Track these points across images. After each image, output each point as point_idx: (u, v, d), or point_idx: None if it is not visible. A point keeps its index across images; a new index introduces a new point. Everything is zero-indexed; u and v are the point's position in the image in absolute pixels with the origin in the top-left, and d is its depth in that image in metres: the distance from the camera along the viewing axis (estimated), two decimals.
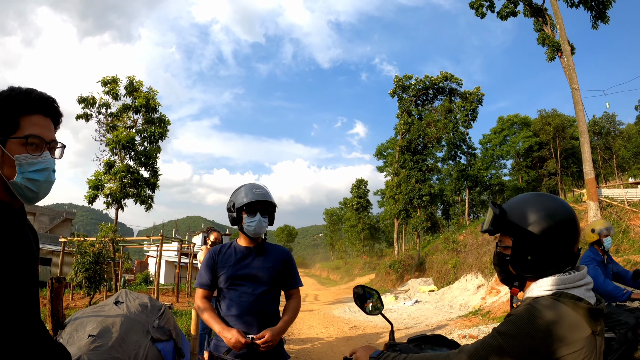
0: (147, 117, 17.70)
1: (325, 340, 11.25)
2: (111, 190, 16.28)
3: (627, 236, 14.26)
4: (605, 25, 22.07)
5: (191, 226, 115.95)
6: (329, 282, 59.67)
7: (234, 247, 3.12)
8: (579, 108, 18.56)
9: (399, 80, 40.66)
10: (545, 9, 22.67)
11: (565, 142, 51.77)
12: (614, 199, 18.62)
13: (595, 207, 16.64)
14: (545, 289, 1.53)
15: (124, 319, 4.20)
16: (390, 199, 39.07)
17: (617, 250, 13.65)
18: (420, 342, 2.27)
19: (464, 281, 20.46)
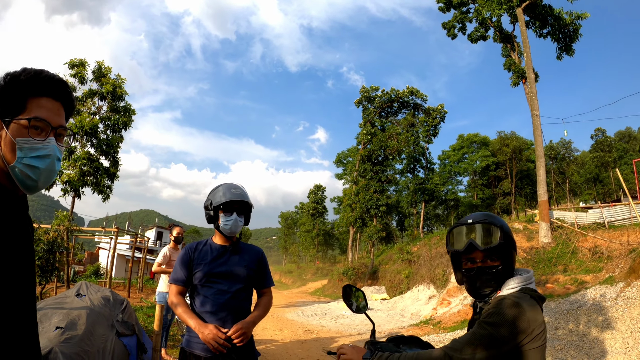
0: (112, 104, 17.28)
1: (280, 343, 11.30)
2: (70, 177, 15.83)
3: (575, 257, 14.90)
4: (569, 57, 23.05)
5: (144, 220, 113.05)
6: (282, 286, 59.45)
7: (209, 245, 3.13)
8: (538, 133, 19.36)
9: (366, 91, 41.10)
10: (515, 37, 23.39)
11: (521, 164, 53.63)
12: (565, 221, 19.32)
13: (547, 228, 17.36)
14: (513, 287, 1.85)
15: (89, 311, 4.10)
16: (347, 207, 39.30)
17: (565, 270, 14.26)
18: (398, 341, 2.39)
19: (416, 291, 20.81)
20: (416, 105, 42.35)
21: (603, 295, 9.10)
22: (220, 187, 3.14)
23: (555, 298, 11.11)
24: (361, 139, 40.23)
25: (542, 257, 15.95)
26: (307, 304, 25.43)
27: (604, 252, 14.12)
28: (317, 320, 17.00)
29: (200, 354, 2.87)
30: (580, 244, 15.66)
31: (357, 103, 41.44)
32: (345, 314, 18.46)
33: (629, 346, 6.66)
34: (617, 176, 16.61)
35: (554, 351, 7.39)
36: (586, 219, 19.67)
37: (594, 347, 7.10)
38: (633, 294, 8.34)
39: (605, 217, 18.83)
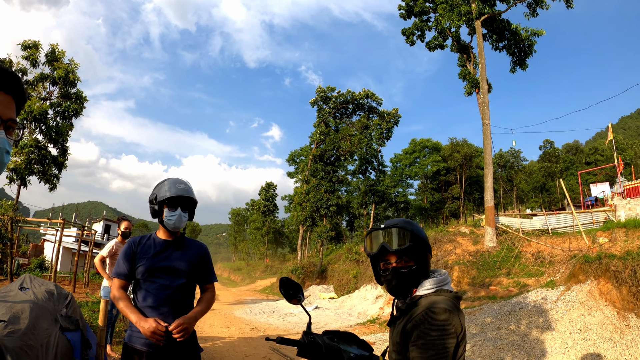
0: (63, 90, 16.57)
1: (227, 340, 11.21)
2: (16, 165, 15.16)
3: (519, 261, 15.47)
4: (523, 71, 23.91)
5: (92, 212, 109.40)
6: (230, 283, 58.97)
7: (153, 239, 3.11)
8: (488, 142, 20.03)
9: (322, 91, 41.22)
10: (472, 48, 24.05)
11: (471, 170, 55.19)
12: (510, 226, 19.98)
13: (492, 232, 17.95)
14: (429, 288, 1.98)
15: (32, 305, 3.98)
16: (297, 206, 39.31)
17: (508, 273, 14.77)
18: (334, 335, 2.46)
19: (363, 291, 21.03)
20: (371, 108, 42.86)
21: (544, 298, 9.47)
22: (165, 182, 3.11)
23: (498, 300, 11.50)
24: (314, 139, 40.32)
25: (486, 261, 16.46)
26: (256, 302, 25.33)
27: (546, 257, 14.70)
28: (264, 318, 16.96)
29: (142, 348, 2.84)
30: (524, 249, 16.25)
31: (313, 103, 41.52)
32: (293, 312, 18.49)
33: (568, 346, 6.96)
34: (562, 186, 17.27)
35: (496, 350, 7.63)
36: (530, 225, 20.37)
37: (534, 346, 7.38)
38: (572, 297, 8.72)
39: (548, 224, 19.57)
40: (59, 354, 3.79)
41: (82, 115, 17.26)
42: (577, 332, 7.29)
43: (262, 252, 70.31)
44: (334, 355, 2.27)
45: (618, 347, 6.51)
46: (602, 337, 6.84)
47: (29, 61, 16.07)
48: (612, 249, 10.40)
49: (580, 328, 7.41)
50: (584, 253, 11.81)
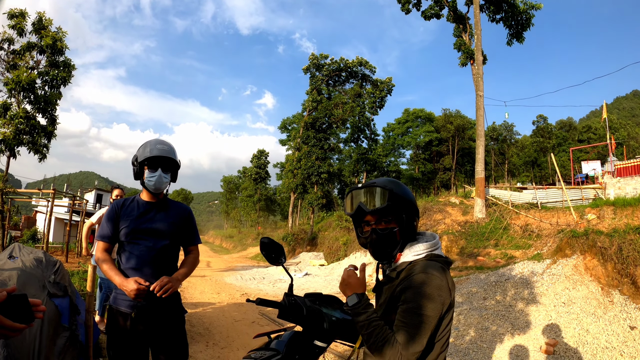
0: (51, 59, 16.13)
1: (217, 306, 11.35)
2: (4, 135, 14.86)
3: (507, 233, 15.65)
4: (519, 44, 23.64)
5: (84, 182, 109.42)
6: (222, 250, 59.29)
7: (137, 201, 3.11)
8: (480, 113, 20.00)
9: (315, 58, 40.70)
10: (468, 18, 23.66)
11: (463, 142, 55.25)
12: (500, 199, 20.12)
13: (482, 204, 18.10)
14: (419, 253, 1.92)
15: (20, 272, 3.98)
16: (289, 173, 39.23)
17: (496, 244, 14.96)
18: (315, 298, 2.52)
19: (353, 258, 21.26)
20: (364, 76, 42.48)
21: (530, 271, 9.61)
22: (147, 143, 3.09)
23: (485, 270, 11.65)
24: (307, 106, 40.02)
25: (475, 231, 16.64)
26: (247, 269, 25.53)
27: (534, 231, 14.87)
28: (255, 284, 17.14)
29: (126, 310, 2.87)
30: (513, 222, 16.42)
31: (305, 70, 41.05)
32: (283, 279, 18.69)
33: (552, 319, 7.10)
34: (553, 161, 17.33)
35: (481, 319, 7.77)
36: (520, 198, 20.50)
37: (519, 317, 7.52)
38: (558, 271, 8.86)
39: (538, 198, 19.70)
40: (45, 319, 3.80)
41: (70, 83, 16.89)
42: (562, 305, 7.44)
43: (254, 219, 70.52)
44: (315, 317, 2.28)
45: (601, 322, 6.65)
46: (586, 312, 6.98)
47: (15, 30, 15.58)
48: (600, 226, 10.53)
49: (565, 301, 7.55)
50: (572, 228, 11.96)
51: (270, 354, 2.29)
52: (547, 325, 6.90)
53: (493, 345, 6.79)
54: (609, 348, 6.02)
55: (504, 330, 7.19)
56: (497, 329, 7.31)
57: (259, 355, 2.31)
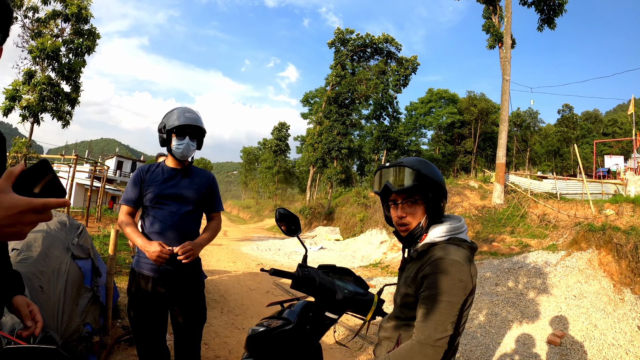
0: (76, 27, 16.27)
1: (233, 274, 11.58)
2: (28, 102, 15.10)
3: (524, 221, 15.56)
4: (550, 30, 23.02)
5: (105, 149, 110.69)
6: (239, 220, 59.89)
7: (162, 167, 3.17)
8: (505, 98, 19.68)
9: (340, 33, 40.14)
10: (499, 0, 23.18)
11: (486, 126, 54.40)
12: (519, 186, 19.93)
13: (500, 189, 17.97)
14: (441, 235, 1.91)
15: (45, 234, 4.09)
16: (309, 147, 39.13)
17: (512, 231, 14.90)
18: (329, 270, 2.54)
19: (368, 235, 21.33)
20: (390, 53, 41.76)
21: (544, 261, 9.58)
22: (175, 111, 3.14)
23: (499, 256, 11.66)
24: (330, 81, 39.66)
25: (492, 217, 16.57)
26: (263, 240, 25.82)
27: (551, 221, 14.77)
28: (270, 255, 17.39)
29: (149, 273, 2.97)
30: (530, 210, 16.31)
31: (330, 44, 40.57)
32: (298, 251, 18.90)
33: (562, 310, 7.13)
34: (576, 152, 17.07)
35: (492, 305, 7.84)
36: (539, 187, 20.30)
37: (529, 306, 7.56)
38: (572, 263, 8.83)
39: (558, 189, 19.50)
40: (69, 280, 3.94)
41: (95, 52, 17.05)
42: (572, 298, 7.44)
43: (272, 191, 70.69)
44: (328, 289, 2.31)
45: (610, 318, 6.64)
46: (596, 307, 6.98)
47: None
48: (617, 222, 10.38)
49: (576, 294, 7.54)
50: (589, 222, 11.80)
51: (282, 323, 2.36)
52: (556, 317, 6.93)
53: (501, 331, 6.87)
54: (615, 345, 6.05)
55: (513, 317, 7.25)
56: (506, 315, 7.37)
57: (271, 323, 2.38)
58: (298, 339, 2.33)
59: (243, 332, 6.26)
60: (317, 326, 2.36)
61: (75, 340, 3.60)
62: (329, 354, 5.57)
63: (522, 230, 14.71)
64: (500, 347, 6.42)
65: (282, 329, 2.32)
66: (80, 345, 3.67)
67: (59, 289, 3.69)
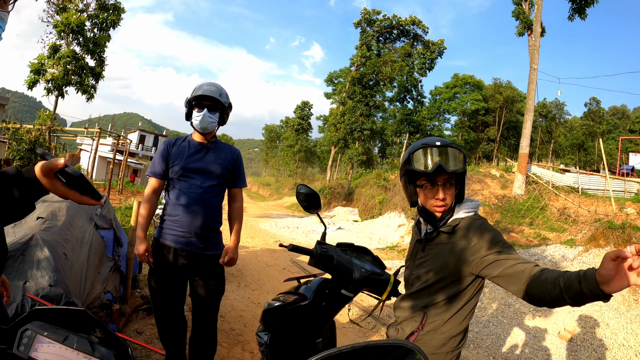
0: (101, 2, 16.47)
1: (251, 249, 11.75)
2: (53, 76, 15.31)
3: (544, 213, 15.40)
4: (581, 20, 22.38)
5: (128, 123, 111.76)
6: (258, 197, 60.18)
7: (188, 141, 3.22)
8: (532, 87, 19.34)
9: (367, 13, 39.75)
10: None
11: (510, 115, 53.35)
12: (541, 177, 19.65)
13: (522, 180, 17.78)
14: (468, 211, 2.03)
15: (69, 204, 4.17)
16: (331, 127, 39.05)
17: (531, 223, 14.77)
18: (347, 248, 2.56)
19: (387, 217, 21.32)
20: (416, 35, 41.25)
21: (561, 255, 9.52)
22: (198, 84, 3.20)
23: (517, 247, 11.58)
24: (355, 61, 39.38)
25: (512, 207, 16.44)
26: (282, 217, 26.02)
27: (570, 215, 14.60)
28: (288, 233, 17.54)
29: (171, 244, 3.05)
30: (551, 203, 16.12)
31: (357, 24, 40.22)
32: (316, 230, 19.04)
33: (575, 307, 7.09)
34: (601, 147, 16.72)
35: (506, 295, 7.84)
36: (561, 180, 20.02)
37: None
38: (589, 259, 8.75)
39: (580, 183, 19.21)
40: (92, 249, 4.05)
41: (119, 26, 17.26)
42: None
43: (292, 169, 70.77)
44: (345, 267, 2.32)
45: (622, 319, 6.59)
46: (609, 306, 6.92)
47: None
48: (638, 221, 10.24)
49: None
50: (609, 219, 11.62)
51: (298, 298, 2.40)
52: (569, 313, 6.91)
53: (513, 322, 6.90)
54: (626, 346, 6.02)
55: (526, 310, 7.26)
56: (519, 307, 7.38)
57: (287, 298, 2.43)
58: (313, 315, 2.37)
59: (259, 306, 6.37)
60: (332, 303, 2.39)
61: (96, 307, 3.72)
62: (342, 332, 5.66)
63: (541, 223, 14.58)
64: (510, 337, 6.45)
65: (298, 304, 2.36)
66: (101, 312, 3.79)
67: (82, 257, 3.80)
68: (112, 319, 3.95)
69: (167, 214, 3.12)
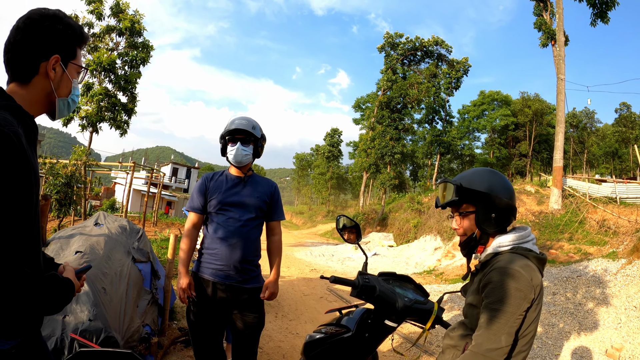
0: (130, 40, 17.11)
1: (287, 279, 11.68)
2: (87, 113, 15.90)
3: (583, 227, 14.89)
4: (604, 24, 22.04)
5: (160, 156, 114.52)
6: (292, 226, 60.25)
7: (225, 175, 3.25)
8: (561, 98, 18.94)
9: (389, 37, 40.09)
10: None
11: (541, 128, 52.32)
12: (577, 190, 19.08)
13: (558, 194, 17.32)
14: (504, 245, 1.90)
15: (107, 238, 4.27)
16: (362, 152, 39.08)
17: (570, 238, 14.30)
18: (389, 277, 2.54)
19: (422, 241, 21.09)
20: (440, 55, 41.30)
21: (604, 269, 9.21)
22: (230, 119, 3.24)
23: (557, 264, 11.27)
24: (381, 85, 39.57)
25: (549, 223, 16.01)
26: (316, 245, 25.96)
27: (610, 227, 14.09)
28: (324, 261, 17.44)
29: (209, 278, 3.06)
30: (589, 215, 15.62)
31: (380, 48, 40.54)
32: (352, 257, 18.91)
33: (621, 322, 6.83)
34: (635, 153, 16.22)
35: (549, 315, 7.62)
36: (598, 191, 19.41)
37: (587, 317, 7.29)
38: (633, 272, 8.44)
39: (617, 193, 18.62)
40: (130, 282, 4.09)
41: (149, 63, 17.80)
42: (632, 309, 7.09)
43: (325, 197, 70.82)
44: (388, 298, 2.30)
45: None
46: None
47: (94, 15, 16.54)
48: None
49: (637, 305, 7.16)
50: None
51: (341, 330, 2.39)
52: (615, 329, 6.64)
53: (558, 343, 6.67)
54: None
55: (570, 328, 7.02)
56: (564, 326, 7.14)
57: (329, 330, 2.43)
58: (356, 347, 2.35)
59: (297, 337, 6.33)
60: (375, 334, 2.37)
61: (135, 341, 3.76)
62: None
63: (581, 237, 14.13)
64: (557, 359, 6.24)
65: (341, 336, 2.36)
66: (140, 345, 3.84)
67: (120, 290, 3.87)
68: (150, 352, 3.99)
69: (206, 247, 3.15)
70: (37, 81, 1.51)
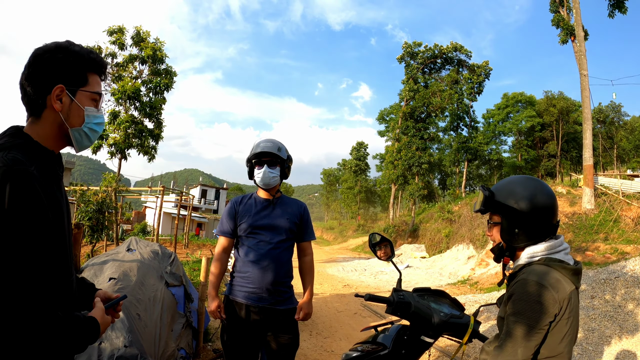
0: (153, 68, 17.50)
1: (320, 296, 11.65)
2: (115, 140, 16.30)
3: (618, 225, 14.50)
4: (622, 15, 21.65)
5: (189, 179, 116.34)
6: (323, 242, 60.15)
7: (254, 199, 3.26)
8: (586, 94, 18.59)
9: (408, 47, 40.02)
10: None
11: (568, 126, 51.24)
12: (610, 188, 18.63)
13: (590, 194, 16.92)
14: (533, 257, 1.85)
15: (139, 264, 4.37)
16: (389, 164, 38.91)
17: (606, 238, 13.93)
18: (424, 293, 2.53)
19: (455, 251, 20.85)
20: (460, 61, 40.98)
21: None
22: (256, 142, 3.28)
23: (594, 266, 10.98)
24: (404, 96, 39.48)
25: (583, 224, 15.65)
26: (348, 260, 25.85)
27: None
28: (356, 276, 17.35)
29: (242, 301, 3.08)
30: (624, 213, 15.21)
31: (400, 59, 40.46)
32: (385, 270, 18.75)
33: None
34: None
35: (588, 319, 7.43)
36: (631, 187, 18.95)
37: (627, 319, 7.09)
38: None
39: None
40: (164, 307, 4.16)
41: (173, 88, 18.15)
42: None
43: (354, 211, 70.60)
44: (424, 313, 2.31)
45: None
46: None
47: (116, 45, 17.02)
48: None
49: None
50: None
51: (377, 348, 2.40)
52: None
53: (599, 349, 6.50)
54: None
55: (611, 332, 6.83)
56: (604, 330, 6.95)
57: (365, 348, 2.43)
58: None
59: (332, 354, 6.32)
60: (412, 350, 2.37)
61: None
62: None
63: (617, 236, 13.75)
64: None
65: (378, 354, 2.36)
66: None
67: (155, 316, 3.95)
68: None
69: (237, 270, 3.18)
70: (47, 115, 1.53)
